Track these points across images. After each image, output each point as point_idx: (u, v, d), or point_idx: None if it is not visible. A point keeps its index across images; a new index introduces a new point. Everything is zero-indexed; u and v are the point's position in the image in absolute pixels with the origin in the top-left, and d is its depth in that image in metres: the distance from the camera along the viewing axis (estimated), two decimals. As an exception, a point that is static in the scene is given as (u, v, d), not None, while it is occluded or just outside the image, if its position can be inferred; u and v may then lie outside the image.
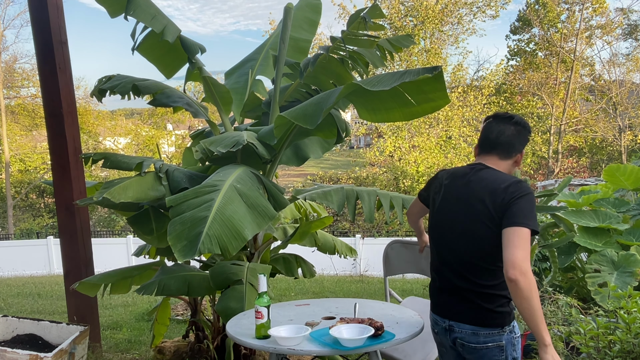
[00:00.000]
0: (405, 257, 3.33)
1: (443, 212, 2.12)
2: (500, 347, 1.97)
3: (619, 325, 2.95)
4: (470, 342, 1.99)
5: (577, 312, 3.40)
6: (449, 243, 2.08)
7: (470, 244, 1.99)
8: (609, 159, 23.49)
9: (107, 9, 3.34)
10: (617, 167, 5.20)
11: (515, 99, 23.89)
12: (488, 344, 1.97)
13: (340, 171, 25.63)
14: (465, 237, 2.00)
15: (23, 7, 26.83)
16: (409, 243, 3.31)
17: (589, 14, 22.03)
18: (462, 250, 2.02)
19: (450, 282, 2.06)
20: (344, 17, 21.28)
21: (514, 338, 1.99)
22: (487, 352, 1.97)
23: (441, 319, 2.11)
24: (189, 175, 3.42)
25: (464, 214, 2.01)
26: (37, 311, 6.47)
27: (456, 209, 2.05)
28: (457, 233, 2.04)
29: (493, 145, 2.07)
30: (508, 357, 1.98)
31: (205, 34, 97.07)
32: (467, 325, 2.00)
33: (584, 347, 2.98)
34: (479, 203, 1.96)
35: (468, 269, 2.00)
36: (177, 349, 3.90)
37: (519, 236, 1.81)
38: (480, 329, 1.97)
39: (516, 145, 2.07)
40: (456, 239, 2.04)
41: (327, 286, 8.28)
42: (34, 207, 24.88)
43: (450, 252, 2.07)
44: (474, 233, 1.97)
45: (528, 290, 1.75)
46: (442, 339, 2.14)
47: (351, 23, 3.54)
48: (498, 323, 1.96)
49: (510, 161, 2.09)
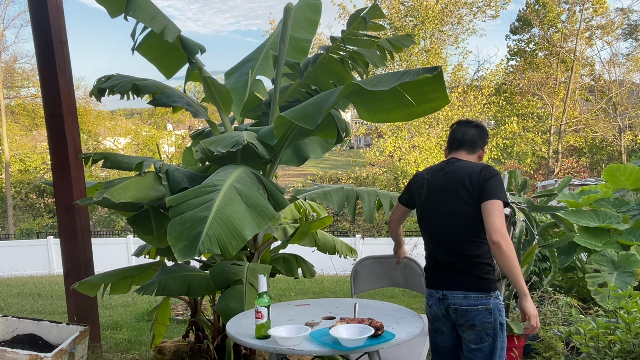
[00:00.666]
0: (376, 272, 3.34)
1: (430, 199, 2.43)
2: (488, 310, 2.28)
3: (619, 325, 2.95)
4: (462, 305, 2.29)
5: (577, 312, 3.40)
6: (438, 225, 2.40)
7: (457, 221, 2.32)
8: (609, 159, 23.48)
9: (107, 9, 3.34)
10: (617, 167, 5.20)
11: (515, 99, 23.87)
12: (478, 307, 2.27)
13: (340, 171, 25.64)
14: (452, 216, 2.33)
15: (23, 7, 26.88)
16: (382, 258, 3.34)
17: (589, 14, 22.03)
18: (450, 229, 2.34)
19: (443, 259, 2.38)
20: (344, 17, 21.27)
21: (499, 304, 2.31)
22: (478, 314, 2.27)
23: (435, 291, 2.39)
24: (189, 175, 3.42)
25: (448, 197, 2.35)
26: (37, 311, 6.47)
27: (441, 194, 2.39)
28: (445, 215, 2.36)
29: (460, 143, 2.49)
30: (496, 319, 2.29)
31: (206, 34, 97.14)
32: (458, 292, 2.31)
33: (584, 347, 2.98)
34: (460, 186, 2.32)
35: (457, 244, 2.33)
36: (177, 349, 3.90)
37: (496, 207, 2.21)
38: (470, 293, 2.28)
39: (478, 142, 2.49)
40: (444, 220, 2.36)
41: (327, 286, 8.28)
42: (34, 207, 24.88)
43: (440, 232, 2.39)
44: (460, 211, 2.31)
45: (508, 249, 2.15)
46: (436, 310, 2.40)
47: (351, 23, 3.54)
48: (485, 288, 2.29)
49: (475, 155, 2.49)
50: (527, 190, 3.90)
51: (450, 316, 2.36)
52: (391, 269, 3.31)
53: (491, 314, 2.28)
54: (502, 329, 2.31)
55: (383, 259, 3.34)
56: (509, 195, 3.76)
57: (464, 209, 2.30)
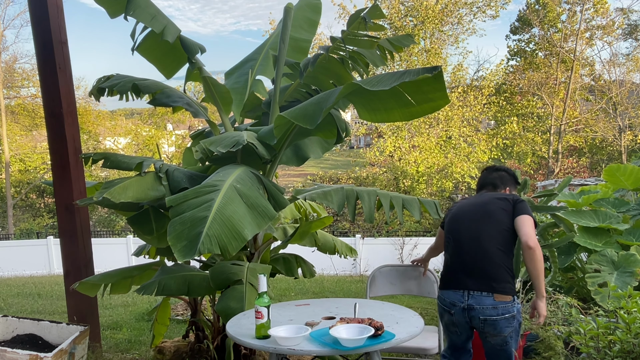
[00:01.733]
0: (392, 279, 3.59)
1: (460, 215, 2.71)
2: (513, 316, 2.49)
3: (619, 325, 2.95)
4: (491, 315, 2.47)
5: (577, 312, 3.40)
6: (470, 230, 2.62)
7: (491, 229, 2.56)
8: (609, 159, 23.47)
9: (106, 10, 3.34)
10: (617, 167, 5.20)
11: (515, 99, 23.85)
12: (505, 315, 2.47)
13: (340, 171, 25.63)
14: (489, 224, 2.57)
15: (23, 7, 26.85)
16: (399, 266, 3.65)
17: (590, 15, 22.02)
18: (481, 236, 2.57)
19: (471, 263, 2.57)
20: (344, 17, 21.25)
21: (519, 307, 2.54)
22: (505, 322, 2.48)
23: (459, 297, 2.55)
24: (189, 175, 3.42)
25: (485, 208, 2.63)
26: (37, 311, 6.47)
27: (475, 208, 2.68)
28: (475, 228, 2.60)
29: (482, 186, 2.88)
30: (518, 321, 2.53)
31: (206, 34, 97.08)
32: (487, 300, 2.48)
33: (584, 347, 2.98)
34: (495, 201, 2.62)
35: (486, 250, 2.54)
36: (177, 349, 3.90)
37: (529, 220, 2.50)
38: (499, 303, 2.47)
39: (499, 184, 2.82)
40: (475, 230, 2.59)
41: (327, 286, 8.28)
42: (34, 207, 24.88)
43: (472, 239, 2.60)
44: (496, 219, 2.56)
45: (540, 255, 2.41)
46: (459, 319, 2.58)
47: (351, 23, 3.54)
48: (510, 292, 2.50)
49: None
50: (527, 190, 3.90)
51: (473, 324, 2.56)
52: (406, 277, 3.55)
53: (514, 319, 2.50)
54: (520, 325, 2.58)
55: (400, 267, 3.64)
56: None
57: (501, 217, 2.56)
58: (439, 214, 3.81)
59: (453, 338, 2.71)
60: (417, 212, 3.67)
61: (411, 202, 3.71)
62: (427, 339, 3.19)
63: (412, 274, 3.53)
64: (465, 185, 20.33)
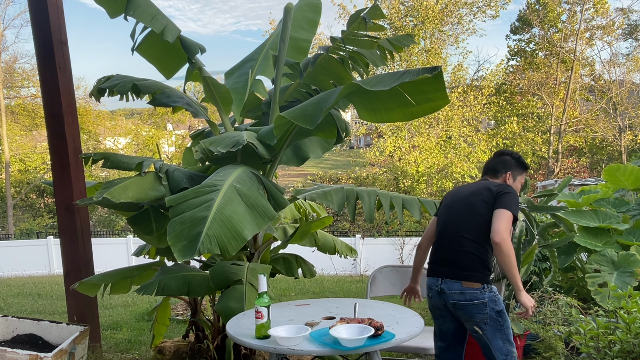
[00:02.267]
0: (393, 279, 3.62)
1: (449, 204, 2.77)
2: (483, 304, 2.52)
3: (619, 325, 2.95)
4: (459, 300, 2.55)
5: (577, 312, 3.40)
6: (450, 222, 2.69)
7: (469, 219, 2.62)
8: (609, 159, 23.47)
9: (106, 10, 3.33)
10: (617, 167, 5.20)
11: (515, 99, 23.85)
12: (474, 301, 2.53)
13: (340, 171, 25.63)
14: (467, 215, 2.63)
15: (23, 7, 26.85)
16: (399, 267, 3.68)
17: (590, 15, 22.02)
18: (459, 226, 2.64)
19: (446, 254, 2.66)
20: (344, 17, 21.25)
21: (493, 296, 2.55)
22: (473, 308, 2.53)
23: (434, 282, 2.64)
24: (189, 175, 3.42)
25: (467, 200, 2.68)
26: (37, 311, 6.47)
27: (460, 199, 2.73)
28: (456, 219, 2.67)
29: (484, 171, 2.90)
30: (491, 309, 2.53)
31: (206, 34, 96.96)
32: (455, 285, 2.56)
33: (584, 347, 2.98)
34: (480, 192, 2.66)
35: (462, 241, 2.61)
36: (177, 349, 3.90)
37: (504, 214, 2.50)
38: (466, 289, 2.54)
39: (500, 168, 2.81)
40: (455, 222, 2.66)
41: (327, 286, 8.28)
42: (34, 207, 24.88)
43: (450, 229, 2.68)
44: (476, 211, 2.60)
45: (508, 249, 2.44)
46: (436, 302, 2.67)
47: (351, 23, 3.54)
48: (478, 280, 2.54)
49: (498, 180, 2.78)
50: (527, 190, 3.90)
51: (449, 308, 2.63)
52: (406, 278, 3.54)
53: (486, 307, 2.53)
54: (501, 314, 2.55)
55: (400, 268, 3.66)
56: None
57: (481, 209, 2.59)
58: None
59: (439, 323, 2.77)
60: (417, 212, 3.67)
61: (411, 202, 3.72)
62: (427, 339, 3.18)
63: None
64: (465, 185, 20.29)
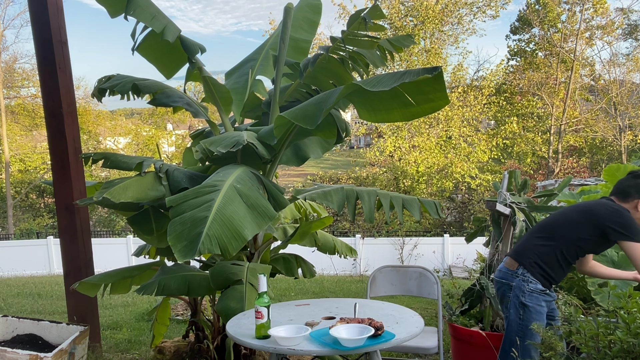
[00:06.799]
0: (392, 279, 3.63)
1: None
2: (509, 286, 2.65)
3: (619, 325, 2.95)
4: (495, 276, 2.78)
5: (577, 311, 3.40)
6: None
7: (558, 227, 2.75)
8: (609, 159, 23.48)
9: (107, 9, 3.33)
10: (617, 167, 5.19)
11: (515, 99, 23.86)
12: (502, 280, 2.69)
13: (340, 171, 25.62)
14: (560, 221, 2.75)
15: (23, 7, 26.87)
16: (399, 267, 3.68)
17: (589, 15, 22.02)
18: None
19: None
20: (344, 17, 21.26)
21: (525, 286, 2.60)
22: (501, 286, 2.70)
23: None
24: (189, 175, 3.42)
25: (562, 217, 2.78)
26: (37, 311, 6.47)
27: (569, 209, 2.80)
28: (556, 218, 2.80)
29: (614, 191, 2.67)
30: (517, 296, 2.61)
31: (207, 34, 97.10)
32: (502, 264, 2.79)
33: (584, 347, 2.98)
34: (580, 213, 2.69)
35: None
36: (177, 349, 3.90)
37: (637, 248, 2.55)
38: (503, 268, 2.74)
39: (633, 192, 2.58)
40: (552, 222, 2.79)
41: (327, 286, 8.28)
42: (34, 207, 24.87)
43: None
44: (566, 223, 2.73)
45: (588, 272, 2.97)
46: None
47: (351, 23, 3.54)
48: (513, 264, 2.68)
49: (628, 204, 2.60)
50: (527, 190, 3.90)
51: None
52: (406, 278, 3.58)
53: (511, 290, 2.64)
54: (524, 309, 2.61)
55: (400, 268, 3.66)
56: (508, 195, 3.76)
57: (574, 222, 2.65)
58: (439, 214, 3.82)
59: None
60: (417, 212, 3.67)
61: (411, 202, 3.72)
62: (427, 339, 3.20)
63: (412, 274, 3.56)
64: (465, 185, 20.33)
